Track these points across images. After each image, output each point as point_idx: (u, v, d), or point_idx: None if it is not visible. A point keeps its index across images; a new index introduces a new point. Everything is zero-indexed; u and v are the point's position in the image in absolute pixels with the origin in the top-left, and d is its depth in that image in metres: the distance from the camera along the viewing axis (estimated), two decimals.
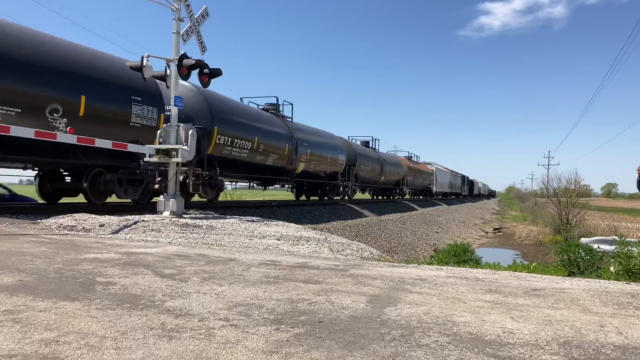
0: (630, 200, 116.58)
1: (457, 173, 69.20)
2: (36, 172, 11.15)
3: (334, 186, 24.26)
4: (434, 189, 50.19)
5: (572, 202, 35.40)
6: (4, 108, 8.12)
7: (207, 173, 13.34)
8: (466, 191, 76.36)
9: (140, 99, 11.15)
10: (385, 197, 35.79)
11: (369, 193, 34.46)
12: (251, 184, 19.33)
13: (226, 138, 14.13)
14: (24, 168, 10.48)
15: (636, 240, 9.26)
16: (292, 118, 20.42)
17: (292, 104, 20.68)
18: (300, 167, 19.52)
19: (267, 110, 19.06)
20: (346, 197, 25.74)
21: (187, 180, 12.84)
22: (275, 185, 21.05)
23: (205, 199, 15.11)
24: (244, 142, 15.10)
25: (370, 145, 31.68)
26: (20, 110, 8.10)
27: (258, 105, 19.15)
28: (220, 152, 14.04)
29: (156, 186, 11.91)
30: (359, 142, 30.23)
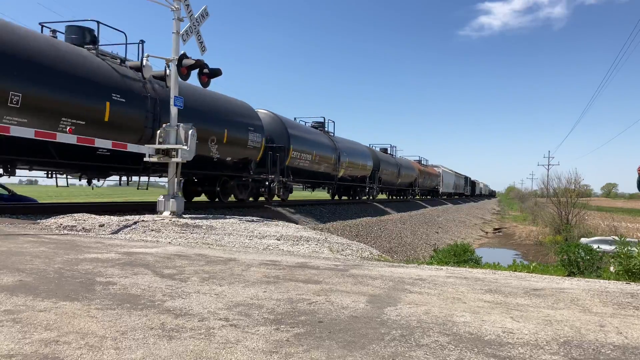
0: (630, 200, 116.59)
1: (461, 174, 72.57)
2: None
3: (362, 188, 28.85)
4: (441, 190, 53.90)
5: (572, 202, 35.42)
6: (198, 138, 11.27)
7: (286, 179, 18.13)
8: (468, 191, 79.96)
9: (253, 129, 16.07)
10: (400, 197, 40.68)
11: (386, 194, 38.91)
12: (304, 187, 24.50)
13: (297, 153, 18.99)
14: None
15: (636, 240, 9.26)
16: (334, 133, 25.02)
17: (334, 122, 25.49)
18: (341, 172, 24.07)
19: (316, 127, 23.67)
20: (371, 197, 30.69)
21: (272, 185, 17.14)
22: (319, 188, 26.07)
23: (279, 198, 18.85)
24: (307, 155, 19.91)
25: (389, 152, 36.89)
26: (198, 142, 11.14)
27: (306, 122, 23.51)
28: (292, 163, 18.87)
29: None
30: (378, 149, 34.89)
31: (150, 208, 11.65)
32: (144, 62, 10.03)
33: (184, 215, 10.29)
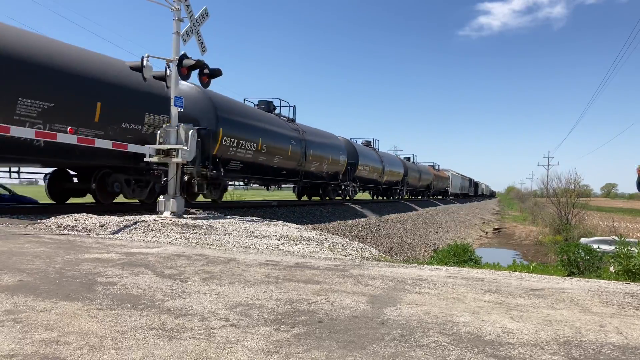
0: (630, 200, 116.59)
1: (465, 177, 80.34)
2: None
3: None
4: (450, 191, 61.84)
5: (572, 202, 35.43)
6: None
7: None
8: (472, 192, 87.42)
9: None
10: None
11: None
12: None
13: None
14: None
15: (636, 240, 9.26)
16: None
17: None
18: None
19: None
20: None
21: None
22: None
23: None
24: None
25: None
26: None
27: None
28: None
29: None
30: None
31: (150, 208, 11.65)
32: (145, 62, 10.03)
33: (184, 216, 10.29)
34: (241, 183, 18.73)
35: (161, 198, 10.42)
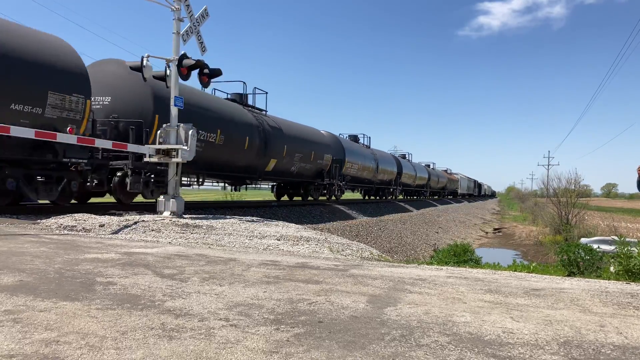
0: (630, 200, 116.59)
1: (471, 178, 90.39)
2: None
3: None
4: (459, 191, 72.20)
5: (572, 202, 35.41)
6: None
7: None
8: (476, 192, 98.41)
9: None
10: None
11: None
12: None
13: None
14: None
15: (636, 240, 9.26)
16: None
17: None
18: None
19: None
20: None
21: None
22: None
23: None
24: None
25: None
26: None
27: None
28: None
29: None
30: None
31: (150, 208, 11.65)
32: (145, 62, 10.03)
33: (184, 215, 10.29)
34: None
35: (161, 198, 10.42)
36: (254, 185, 19.36)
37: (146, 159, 10.39)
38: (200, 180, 15.33)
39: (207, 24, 11.19)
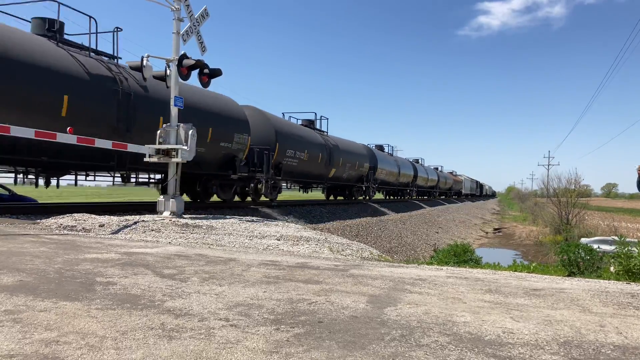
0: (630, 200, 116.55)
1: (473, 179, 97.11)
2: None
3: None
4: (463, 192, 78.59)
5: (572, 202, 35.40)
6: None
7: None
8: (478, 192, 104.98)
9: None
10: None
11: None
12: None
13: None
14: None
15: (636, 240, 9.25)
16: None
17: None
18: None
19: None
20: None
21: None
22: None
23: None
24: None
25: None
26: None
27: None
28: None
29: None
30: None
31: (150, 208, 11.65)
32: (145, 62, 10.03)
33: (184, 216, 10.29)
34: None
35: (161, 198, 10.42)
36: (317, 187, 26.11)
37: (146, 159, 10.38)
38: (289, 185, 22.36)
39: (208, 24, 11.20)
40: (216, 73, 11.03)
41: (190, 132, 10.39)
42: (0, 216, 8.78)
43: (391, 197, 40.73)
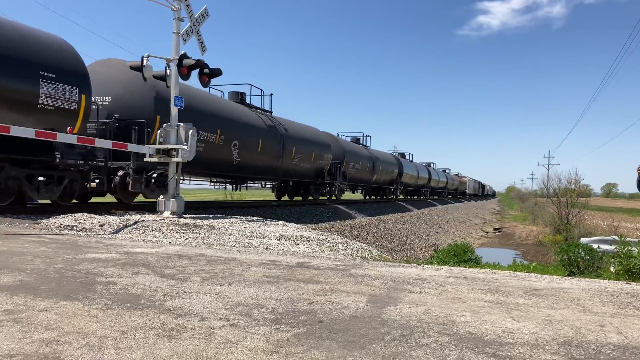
0: (630, 200, 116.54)
1: (476, 180, 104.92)
2: None
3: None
4: (467, 192, 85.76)
5: (572, 202, 35.39)
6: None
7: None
8: (480, 192, 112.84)
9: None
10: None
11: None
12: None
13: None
14: None
15: (636, 240, 9.25)
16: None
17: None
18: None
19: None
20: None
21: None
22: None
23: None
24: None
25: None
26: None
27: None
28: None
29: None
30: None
31: (150, 208, 11.65)
32: (145, 62, 10.03)
33: (184, 215, 10.29)
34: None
35: (161, 198, 10.42)
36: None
37: (146, 159, 10.39)
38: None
39: (208, 23, 11.20)
40: (216, 73, 11.03)
41: (190, 131, 10.39)
42: (1, 216, 8.79)
43: (409, 197, 46.29)
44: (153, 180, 11.70)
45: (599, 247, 12.54)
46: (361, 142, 30.98)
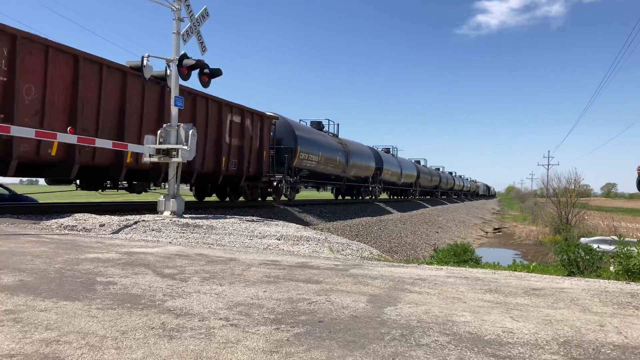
0: (630, 200, 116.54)
1: (485, 183, 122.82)
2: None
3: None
4: (480, 192, 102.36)
5: (572, 202, 35.41)
6: None
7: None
8: (487, 193, 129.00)
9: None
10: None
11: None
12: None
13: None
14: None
15: (636, 240, 9.25)
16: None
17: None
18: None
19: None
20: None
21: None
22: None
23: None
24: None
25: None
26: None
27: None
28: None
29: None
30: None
31: (150, 208, 11.66)
32: (145, 62, 10.03)
33: (184, 215, 10.29)
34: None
35: (161, 198, 10.42)
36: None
37: (146, 159, 10.39)
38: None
39: (208, 24, 11.22)
40: (216, 73, 11.04)
41: (190, 132, 10.39)
42: (1, 216, 8.79)
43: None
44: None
45: (598, 247, 12.53)
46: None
